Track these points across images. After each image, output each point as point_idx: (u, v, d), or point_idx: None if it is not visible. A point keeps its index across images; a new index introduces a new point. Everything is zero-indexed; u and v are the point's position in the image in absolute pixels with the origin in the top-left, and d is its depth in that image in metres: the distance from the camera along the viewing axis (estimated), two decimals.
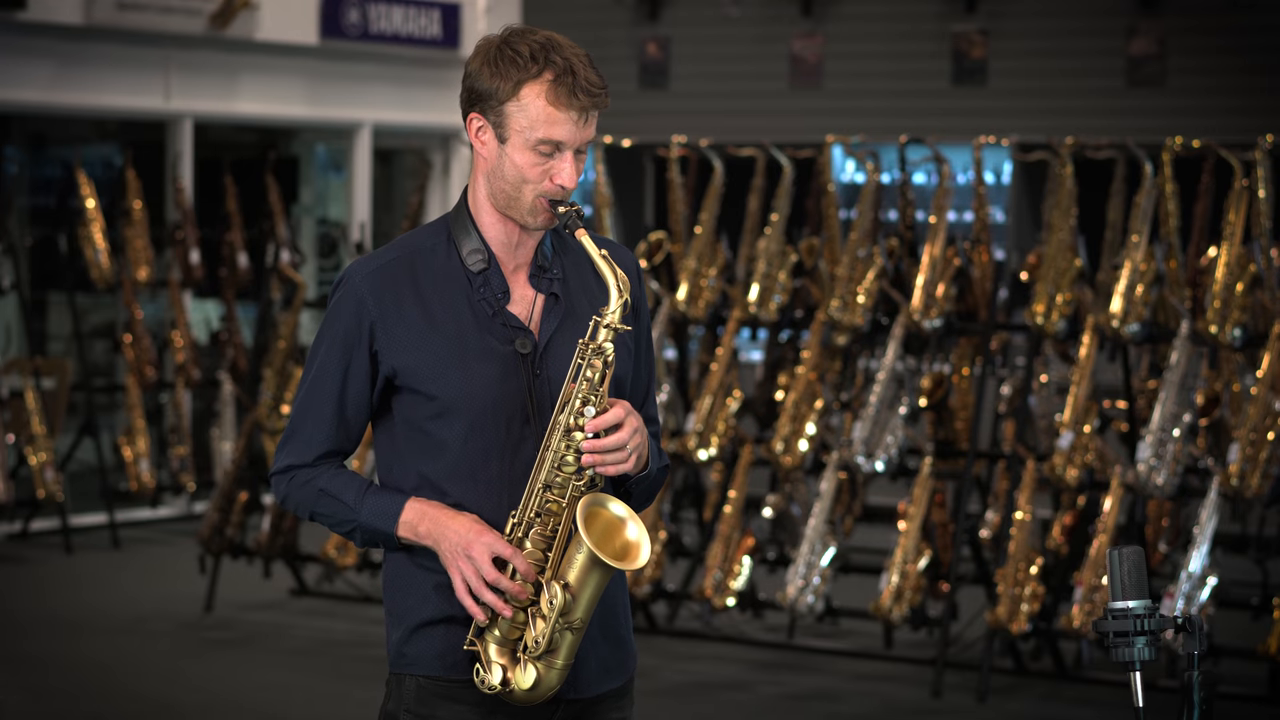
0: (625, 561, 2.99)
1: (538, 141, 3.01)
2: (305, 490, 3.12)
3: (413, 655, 3.09)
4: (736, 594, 7.87)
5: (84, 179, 10.42)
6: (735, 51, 12.08)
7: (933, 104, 11.45)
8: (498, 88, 3.01)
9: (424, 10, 12.20)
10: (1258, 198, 7.41)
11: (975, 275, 7.98)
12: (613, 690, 3.15)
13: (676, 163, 8.79)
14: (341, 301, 3.10)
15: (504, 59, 3.01)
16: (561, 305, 3.11)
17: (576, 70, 3.00)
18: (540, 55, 3.00)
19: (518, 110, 3.01)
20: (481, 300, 3.08)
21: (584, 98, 3.00)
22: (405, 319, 3.07)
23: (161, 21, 10.87)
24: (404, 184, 13.24)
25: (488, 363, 3.05)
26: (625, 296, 3.02)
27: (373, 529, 3.08)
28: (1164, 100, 10.87)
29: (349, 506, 3.08)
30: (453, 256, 3.10)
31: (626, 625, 3.18)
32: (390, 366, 3.07)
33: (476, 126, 3.07)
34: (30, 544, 10.39)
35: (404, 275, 3.09)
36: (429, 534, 3.03)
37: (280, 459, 3.15)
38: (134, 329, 10.53)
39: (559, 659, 3.00)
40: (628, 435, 3.00)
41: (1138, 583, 2.84)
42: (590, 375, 3.00)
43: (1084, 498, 7.74)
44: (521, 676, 3.00)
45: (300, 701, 7.32)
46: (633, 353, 3.17)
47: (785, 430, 7.81)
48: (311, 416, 3.12)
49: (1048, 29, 11.26)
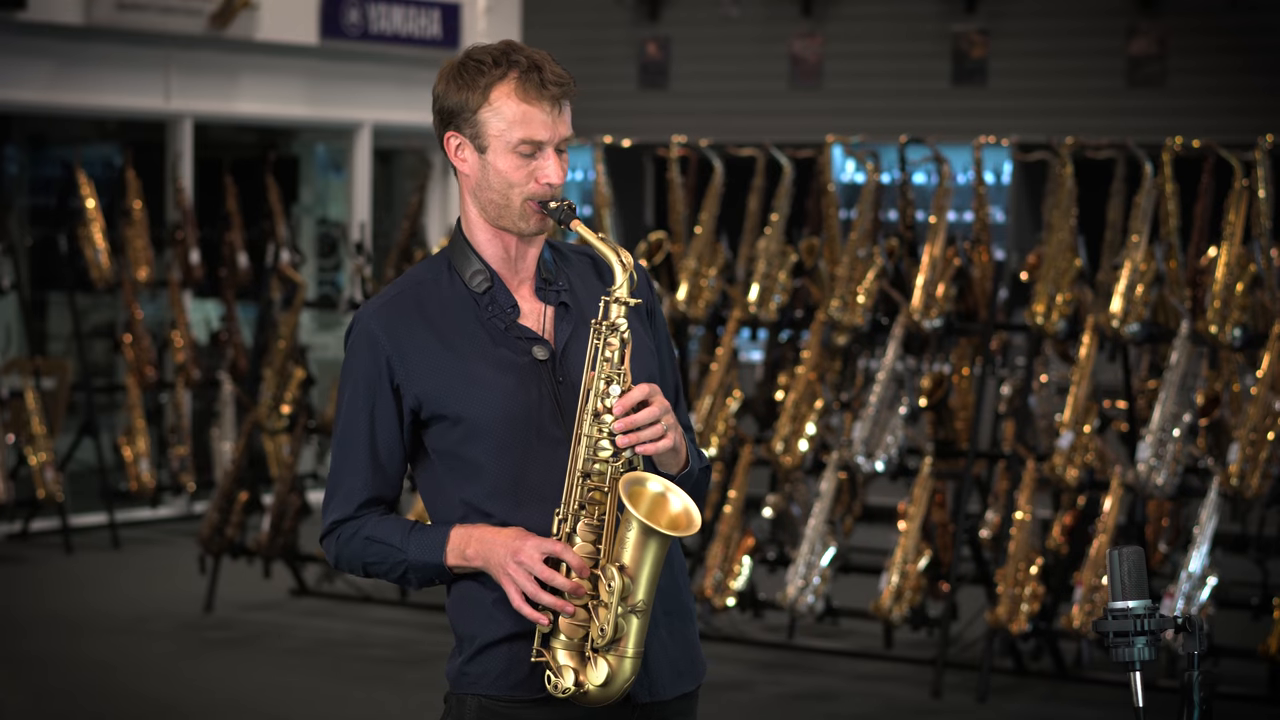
0: (679, 529, 2.94)
1: (518, 142, 3.01)
2: (353, 544, 3.09)
3: (475, 674, 3.05)
4: (736, 594, 7.87)
5: (84, 179, 10.42)
6: (735, 51, 12.07)
7: (933, 104, 11.44)
8: (467, 98, 3.02)
9: (424, 10, 12.20)
10: (1258, 198, 7.41)
11: (975, 275, 7.98)
12: (685, 694, 3.15)
13: (676, 163, 8.79)
14: (355, 343, 3.09)
15: (468, 70, 3.03)
16: (573, 314, 3.10)
17: (541, 65, 3.02)
18: (502, 58, 3.02)
19: (491, 115, 3.01)
20: (491, 318, 3.07)
21: (553, 88, 3.01)
22: (419, 346, 3.05)
23: (161, 21, 10.87)
24: (404, 184, 13.24)
25: (506, 375, 3.03)
26: (630, 270, 3.00)
27: (422, 563, 3.04)
28: (1164, 100, 10.87)
29: (396, 548, 3.05)
30: (455, 282, 3.09)
31: (693, 629, 3.16)
32: (414, 397, 3.05)
33: (455, 145, 3.07)
34: (30, 544, 10.39)
35: (410, 306, 3.08)
36: (477, 554, 3.00)
37: (326, 520, 3.12)
38: (134, 329, 10.52)
39: (629, 647, 2.95)
40: (659, 410, 2.96)
41: (1138, 583, 2.84)
42: (609, 355, 2.98)
43: (1084, 498, 7.74)
44: (593, 674, 2.94)
45: (300, 701, 7.32)
46: (655, 353, 3.14)
47: (785, 430, 7.81)
48: (348, 467, 3.10)
49: (1048, 29, 11.26)
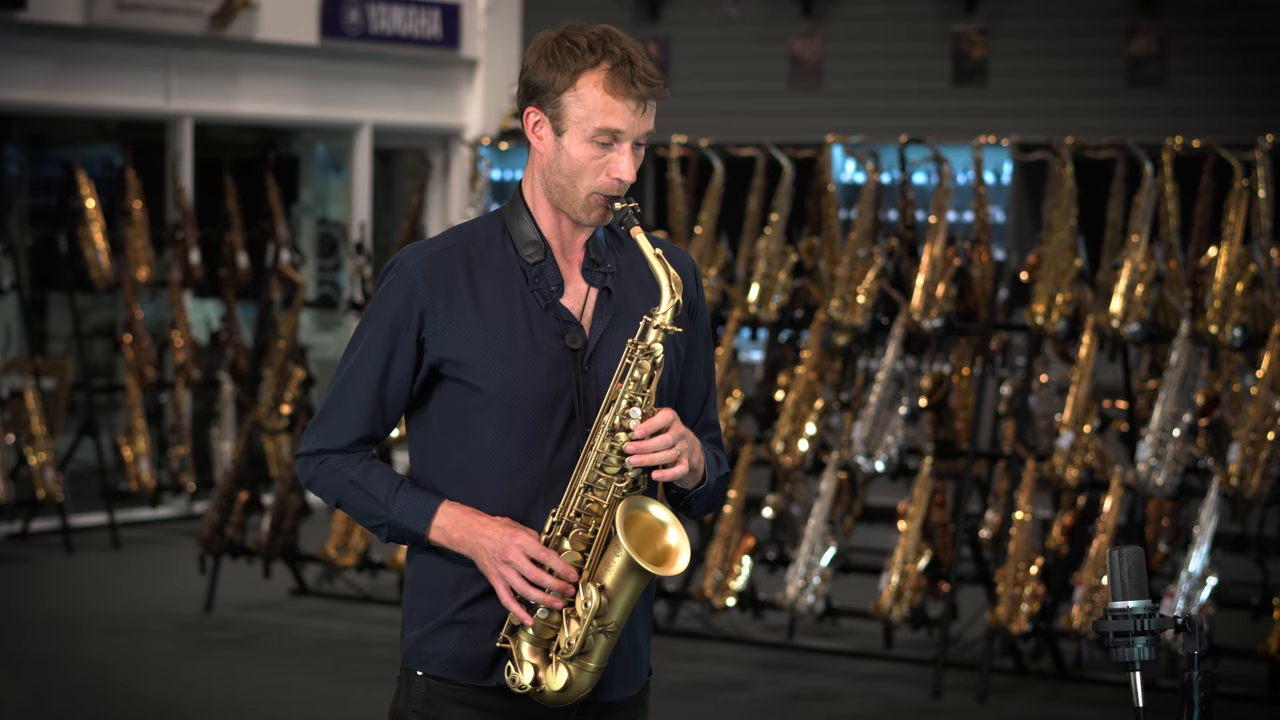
0: (663, 567, 2.94)
1: (596, 131, 2.98)
2: (334, 478, 3.07)
3: (428, 652, 3.06)
4: (736, 594, 7.87)
5: (84, 179, 10.42)
6: (735, 51, 12.07)
7: (933, 104, 11.44)
8: (555, 79, 2.99)
9: (424, 10, 12.20)
10: (1258, 198, 7.41)
11: (975, 275, 7.99)
12: (629, 698, 3.13)
13: (676, 163, 8.79)
14: (392, 286, 3.05)
15: (561, 50, 2.99)
16: (614, 301, 3.08)
17: (634, 59, 2.98)
18: (598, 45, 2.98)
19: (575, 101, 2.98)
20: (535, 292, 3.05)
21: (642, 86, 2.98)
22: (457, 309, 3.03)
23: (161, 21, 10.87)
24: (404, 184, 13.24)
25: (537, 357, 3.02)
26: (677, 298, 2.97)
27: (402, 527, 3.04)
28: (1164, 100, 10.87)
29: (379, 502, 3.04)
30: (508, 248, 3.07)
31: (646, 634, 3.16)
32: (437, 356, 3.04)
33: (534, 121, 3.04)
34: (30, 544, 10.39)
35: (458, 264, 3.05)
36: (462, 541, 3.00)
37: (311, 440, 3.10)
38: (134, 329, 10.52)
39: (592, 661, 2.97)
40: (673, 438, 2.95)
41: (1138, 583, 2.84)
42: (638, 376, 2.97)
43: (1084, 498, 7.74)
44: (553, 677, 2.97)
45: (300, 701, 7.32)
46: (682, 357, 3.13)
47: (785, 430, 7.81)
48: (350, 400, 3.07)
49: (1048, 29, 11.26)
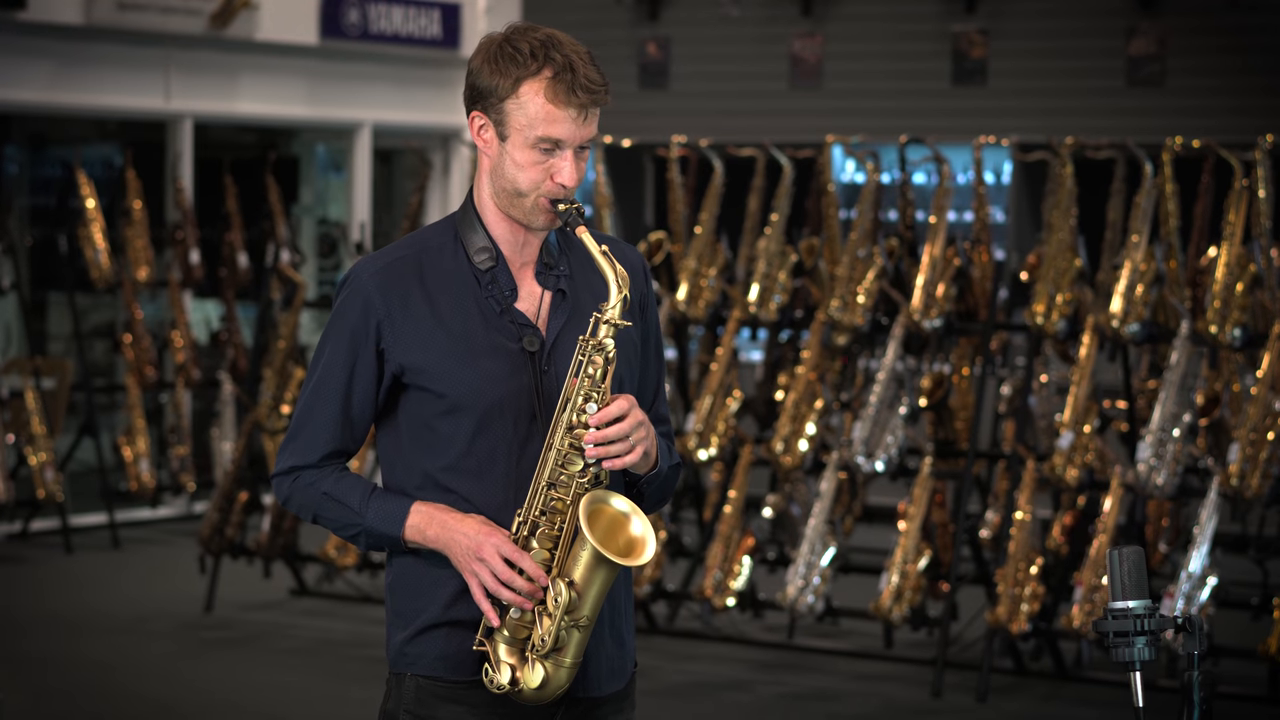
0: (629, 558, 2.97)
1: (537, 139, 3.00)
2: (309, 493, 3.11)
3: (415, 654, 3.08)
4: (736, 594, 7.87)
5: (84, 179, 10.42)
6: (735, 51, 12.07)
7: (933, 104, 11.44)
8: (498, 85, 3.01)
9: (424, 10, 12.20)
10: (1258, 198, 7.41)
11: (975, 275, 7.99)
12: (616, 692, 3.15)
13: (676, 163, 8.79)
14: (347, 300, 3.09)
15: (504, 56, 3.01)
16: (568, 302, 3.10)
17: (576, 67, 2.99)
18: (540, 52, 2.99)
19: (517, 108, 3.00)
20: (489, 298, 3.07)
21: (583, 95, 2.99)
22: (412, 316, 3.06)
23: (161, 21, 10.87)
24: (404, 184, 13.24)
25: (496, 360, 3.04)
26: (625, 292, 3.00)
27: (378, 533, 3.07)
28: (1164, 100, 10.87)
29: (353, 510, 3.07)
30: (459, 255, 3.09)
31: (629, 627, 3.18)
32: (398, 364, 3.06)
33: (479, 124, 3.06)
34: (30, 544, 10.39)
35: (410, 273, 3.08)
36: (437, 538, 3.02)
37: (283, 459, 3.13)
38: (134, 329, 10.52)
39: (567, 657, 2.99)
40: (629, 427, 2.98)
41: (1138, 583, 2.84)
42: (591, 371, 2.99)
43: (1084, 498, 7.74)
44: (530, 675, 2.99)
45: (300, 701, 7.32)
46: (639, 350, 3.16)
47: (785, 430, 7.81)
48: (316, 416, 3.10)
49: (1048, 29, 11.25)
